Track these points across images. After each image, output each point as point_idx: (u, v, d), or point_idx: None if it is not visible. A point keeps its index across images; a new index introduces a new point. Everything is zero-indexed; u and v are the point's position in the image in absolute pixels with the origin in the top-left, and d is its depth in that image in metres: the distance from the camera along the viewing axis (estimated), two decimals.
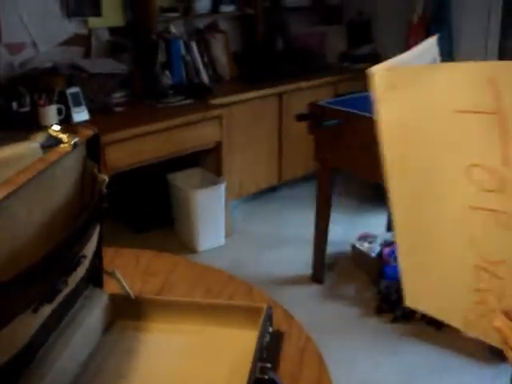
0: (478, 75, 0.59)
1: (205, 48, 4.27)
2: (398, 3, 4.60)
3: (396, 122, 0.71)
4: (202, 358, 1.30)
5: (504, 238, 0.63)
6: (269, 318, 1.29)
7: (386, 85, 0.70)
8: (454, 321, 0.77)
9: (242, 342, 1.30)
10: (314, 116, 2.99)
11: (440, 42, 3.25)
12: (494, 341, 0.71)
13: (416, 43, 3.34)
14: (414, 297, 0.83)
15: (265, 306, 1.29)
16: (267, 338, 1.25)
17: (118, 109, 3.59)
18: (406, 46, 4.38)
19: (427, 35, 4.20)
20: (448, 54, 4.26)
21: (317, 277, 3.37)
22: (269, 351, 1.24)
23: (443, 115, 0.64)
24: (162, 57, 3.96)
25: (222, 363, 1.27)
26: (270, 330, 1.28)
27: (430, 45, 0.84)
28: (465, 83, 0.60)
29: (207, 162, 3.79)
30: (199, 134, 3.56)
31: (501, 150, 0.59)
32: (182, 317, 1.37)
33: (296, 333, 1.35)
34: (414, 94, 0.67)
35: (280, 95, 4.17)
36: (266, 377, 1.13)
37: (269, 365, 1.17)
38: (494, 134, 0.59)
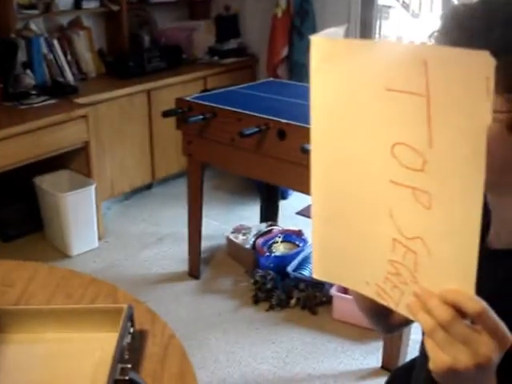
0: (412, 56, 0.60)
1: (68, 46, 4.14)
2: None
3: (328, 92, 0.72)
4: (64, 365, 1.28)
5: (422, 216, 0.66)
6: (129, 318, 1.28)
7: (323, 54, 0.70)
8: (367, 290, 0.79)
9: (103, 344, 1.29)
10: (182, 111, 2.99)
11: (305, 35, 3.34)
12: (403, 311, 0.73)
13: (281, 36, 3.45)
14: (325, 268, 0.84)
15: (125, 306, 1.28)
16: (128, 339, 1.24)
17: None
18: (271, 39, 4.48)
19: (292, 28, 4.35)
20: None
21: (193, 272, 3.38)
22: (130, 351, 1.24)
23: (375, 91, 0.65)
24: (22, 56, 3.80)
25: (85, 368, 1.25)
26: (132, 330, 1.28)
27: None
28: (399, 63, 0.61)
29: (76, 163, 3.69)
30: (65, 135, 3.46)
31: (426, 132, 0.61)
32: (42, 325, 1.33)
33: (159, 331, 1.35)
34: (349, 67, 0.68)
35: (148, 92, 4.13)
36: (127, 377, 1.13)
37: (129, 365, 1.17)
38: (421, 115, 0.61)
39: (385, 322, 1.15)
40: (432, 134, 0.62)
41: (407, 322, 1.18)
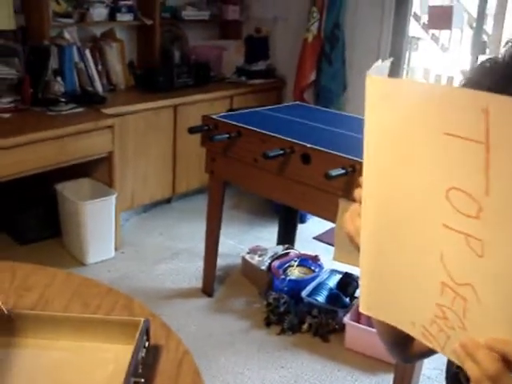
0: (473, 103, 0.59)
1: (100, 56, 4.19)
2: (294, 22, 4.72)
3: (383, 130, 0.72)
4: (76, 374, 1.27)
5: (473, 263, 0.65)
6: (145, 332, 1.27)
7: (379, 93, 0.71)
8: (412, 330, 0.78)
9: (117, 357, 1.28)
10: (207, 129, 3.00)
11: (334, 61, 3.35)
12: (449, 355, 0.73)
13: (310, 60, 3.46)
14: (371, 303, 0.84)
15: (141, 320, 1.28)
16: (143, 353, 1.24)
17: (6, 115, 3.44)
18: (300, 63, 4.51)
19: (321, 53, 4.37)
20: (341, 69, 4.41)
21: (206, 289, 3.37)
22: (144, 366, 1.23)
23: (432, 134, 0.65)
24: (54, 63, 3.85)
25: (97, 379, 1.24)
26: (147, 344, 1.27)
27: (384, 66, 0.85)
28: (459, 109, 0.61)
29: (98, 172, 3.71)
30: (90, 144, 3.49)
31: (483, 180, 0.61)
32: (57, 332, 1.33)
33: (174, 346, 1.35)
34: (407, 108, 0.67)
35: (175, 107, 4.16)
36: None
37: (142, 380, 1.16)
38: (478, 162, 0.60)
39: (404, 351, 1.13)
40: (489, 182, 0.61)
41: (427, 354, 1.16)
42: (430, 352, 1.14)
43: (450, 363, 1.10)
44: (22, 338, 1.32)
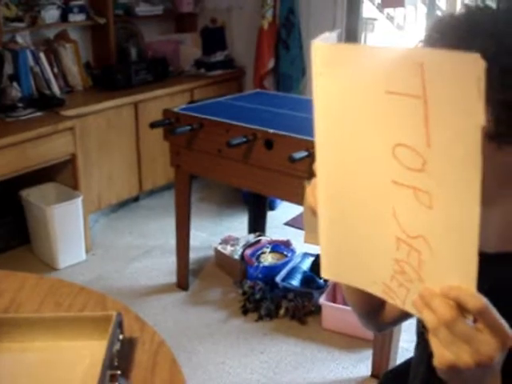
0: (409, 59, 0.62)
1: (55, 58, 4.13)
2: (249, 11, 4.71)
3: (330, 95, 0.74)
4: (53, 374, 1.27)
5: (423, 215, 0.67)
6: (119, 326, 1.27)
7: (324, 59, 0.72)
8: (374, 289, 0.80)
9: (93, 352, 1.28)
10: (169, 123, 2.99)
11: (291, 46, 3.38)
12: (409, 309, 0.75)
13: (267, 48, 3.47)
14: (332, 268, 0.86)
15: (114, 313, 1.28)
16: (118, 346, 1.24)
17: None
18: (258, 51, 4.51)
19: (278, 39, 4.38)
20: (298, 54, 4.43)
21: (181, 284, 3.37)
22: (120, 358, 1.23)
23: (375, 94, 0.67)
24: (8, 69, 3.79)
25: (74, 376, 1.24)
26: (121, 337, 1.27)
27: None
28: (397, 66, 0.63)
29: (62, 175, 3.67)
30: (52, 147, 3.45)
31: (424, 133, 0.63)
32: (31, 334, 1.32)
33: (149, 338, 1.35)
34: (350, 71, 0.69)
35: (135, 104, 4.13)
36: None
37: (119, 372, 1.16)
38: (419, 117, 0.63)
39: (376, 319, 1.16)
40: (430, 135, 0.63)
41: (397, 321, 1.19)
42: (400, 318, 1.16)
43: (418, 324, 1.13)
44: None
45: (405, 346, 2.72)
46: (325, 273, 0.87)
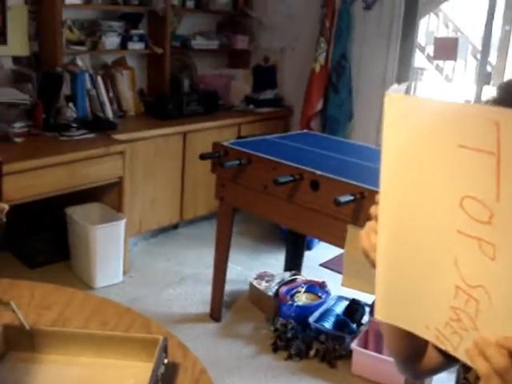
0: (485, 117, 0.65)
1: (111, 83, 4.27)
2: (302, 52, 4.80)
3: (400, 146, 0.78)
4: None
5: (485, 266, 0.70)
6: (164, 350, 1.31)
7: (397, 110, 0.77)
8: (426, 333, 0.83)
9: (137, 373, 1.31)
10: (218, 156, 3.06)
11: (340, 90, 3.43)
12: (461, 355, 0.77)
13: (317, 90, 3.53)
14: (386, 310, 0.89)
15: (160, 337, 1.31)
16: (162, 369, 1.27)
17: (19, 139, 3.50)
18: (307, 93, 4.58)
19: (328, 83, 4.44)
20: (347, 99, 4.48)
21: (214, 315, 3.39)
22: (163, 382, 1.26)
23: (447, 148, 0.70)
24: (66, 89, 3.92)
25: None
26: (165, 361, 1.30)
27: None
28: (472, 122, 0.67)
29: (108, 197, 3.76)
30: (101, 169, 3.54)
31: (494, 187, 0.66)
32: (77, 349, 1.36)
33: (191, 364, 1.38)
34: (423, 123, 0.73)
35: (184, 134, 4.23)
36: None
37: None
38: (490, 172, 0.66)
39: (414, 367, 1.16)
40: (500, 190, 0.66)
41: (435, 370, 1.19)
42: (439, 368, 1.17)
43: (458, 376, 1.13)
44: (44, 354, 1.35)
45: None
46: (378, 314, 0.90)
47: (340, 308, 3.34)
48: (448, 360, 1.12)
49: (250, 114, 4.76)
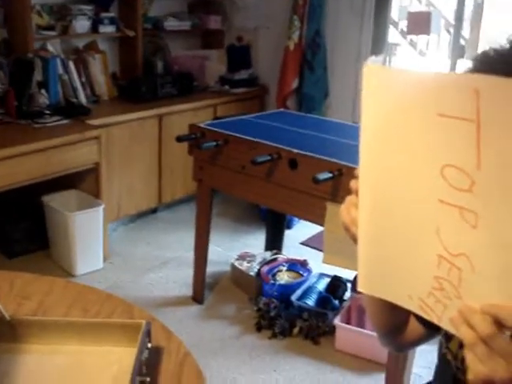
0: (465, 85, 0.64)
1: (83, 68, 4.21)
2: (275, 31, 4.77)
3: (379, 115, 0.77)
4: (81, 377, 1.29)
5: (467, 234, 0.70)
6: (147, 334, 1.30)
7: (375, 81, 0.76)
8: (409, 304, 0.83)
9: (121, 358, 1.31)
10: (195, 137, 3.04)
11: (315, 68, 3.41)
12: (445, 324, 0.77)
13: (292, 68, 3.52)
14: (369, 283, 0.88)
15: (143, 322, 1.31)
16: (146, 354, 1.26)
17: None
18: (282, 71, 4.56)
19: (303, 60, 4.43)
20: (322, 76, 4.47)
21: (197, 297, 3.39)
22: (148, 366, 1.26)
23: (426, 117, 0.70)
24: (38, 75, 3.86)
25: (102, 381, 1.27)
26: (149, 345, 1.30)
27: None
28: (451, 91, 0.66)
29: (85, 183, 3.72)
30: (76, 155, 3.50)
31: (475, 155, 0.65)
32: (60, 337, 1.35)
33: (175, 348, 1.37)
34: (401, 94, 0.73)
35: (159, 117, 4.19)
36: None
37: (148, 379, 1.19)
38: (470, 140, 0.65)
39: (397, 339, 1.18)
40: (480, 157, 0.66)
41: (418, 342, 1.21)
42: (421, 339, 1.18)
43: (440, 346, 1.15)
44: (26, 344, 1.34)
45: (418, 371, 2.72)
46: (361, 287, 0.90)
47: (322, 285, 3.36)
48: (430, 331, 1.13)
49: (226, 94, 4.73)
